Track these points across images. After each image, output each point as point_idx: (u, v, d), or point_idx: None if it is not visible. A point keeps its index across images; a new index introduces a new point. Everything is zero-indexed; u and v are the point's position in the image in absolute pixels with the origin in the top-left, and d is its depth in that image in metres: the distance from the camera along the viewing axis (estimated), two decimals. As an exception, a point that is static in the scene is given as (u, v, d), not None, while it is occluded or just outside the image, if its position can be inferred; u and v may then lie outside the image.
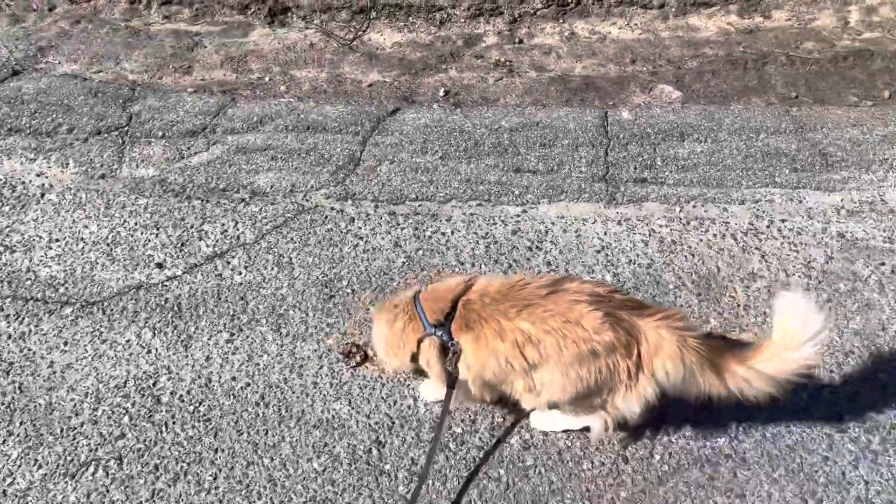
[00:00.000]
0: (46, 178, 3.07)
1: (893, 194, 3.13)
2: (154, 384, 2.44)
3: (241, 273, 2.76)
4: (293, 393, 2.43)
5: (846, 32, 4.01)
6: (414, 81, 3.57)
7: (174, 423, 2.34)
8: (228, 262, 2.80)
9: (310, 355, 2.53)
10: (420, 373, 2.30)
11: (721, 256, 2.87)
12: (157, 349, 2.53)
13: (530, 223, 2.98)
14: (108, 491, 2.18)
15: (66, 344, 2.53)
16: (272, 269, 2.78)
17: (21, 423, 2.32)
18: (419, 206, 3.02)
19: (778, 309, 1.99)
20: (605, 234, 2.94)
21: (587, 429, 2.28)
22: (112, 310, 2.63)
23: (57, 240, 2.84)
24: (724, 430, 2.36)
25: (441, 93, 3.49)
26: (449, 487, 2.20)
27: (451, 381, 2.05)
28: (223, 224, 2.93)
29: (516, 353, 1.92)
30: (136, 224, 2.91)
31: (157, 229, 2.90)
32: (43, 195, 3.00)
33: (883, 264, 2.86)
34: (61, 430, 2.31)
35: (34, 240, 2.83)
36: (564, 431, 2.33)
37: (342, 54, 3.75)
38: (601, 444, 2.32)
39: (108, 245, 2.84)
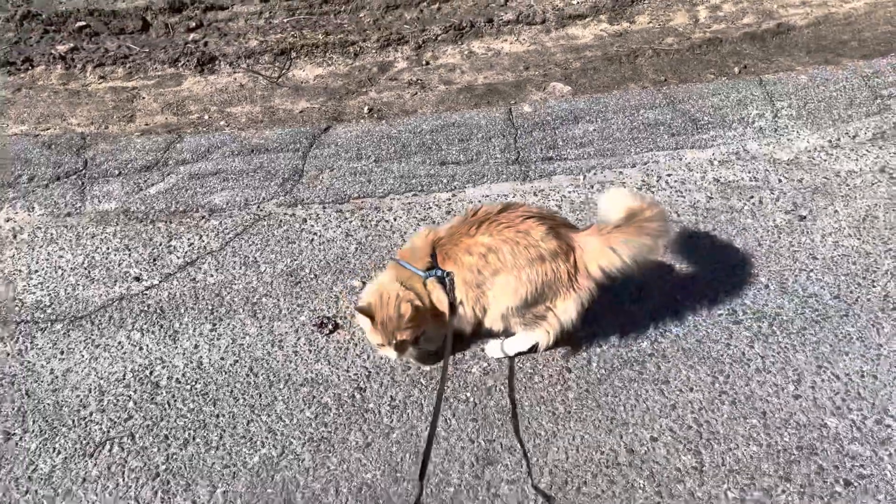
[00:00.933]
0: (15, 222, 3.32)
1: (752, 144, 3.76)
2: (151, 373, 2.72)
3: (212, 275, 3.09)
4: (278, 362, 2.76)
5: (698, 27, 4.74)
6: (340, 104, 4.03)
7: (175, 400, 2.63)
8: (200, 268, 3.12)
9: (287, 331, 2.87)
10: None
11: (623, 208, 3.40)
12: (147, 345, 2.82)
13: (461, 204, 3.44)
14: (125, 462, 2.44)
15: (62, 353, 2.79)
16: (240, 268, 3.12)
17: (34, 421, 2.56)
18: (362, 202, 3.44)
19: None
20: (525, 203, 3.43)
21: (534, 349, 2.71)
22: (100, 320, 2.90)
23: (36, 271, 3.10)
24: (644, 336, 2.83)
25: (366, 110, 3.95)
26: (425, 412, 2.57)
27: (453, 307, 2.44)
28: (189, 238, 3.26)
29: (483, 263, 2.35)
30: (108, 249, 3.20)
31: (129, 250, 3.20)
32: (15, 236, 3.25)
33: (752, 197, 3.45)
34: (73, 421, 2.56)
35: (14, 273, 3.08)
36: (516, 355, 2.75)
37: (271, 90, 4.17)
38: (547, 362, 2.74)
39: (85, 269, 3.11)
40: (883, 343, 2.77)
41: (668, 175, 3.58)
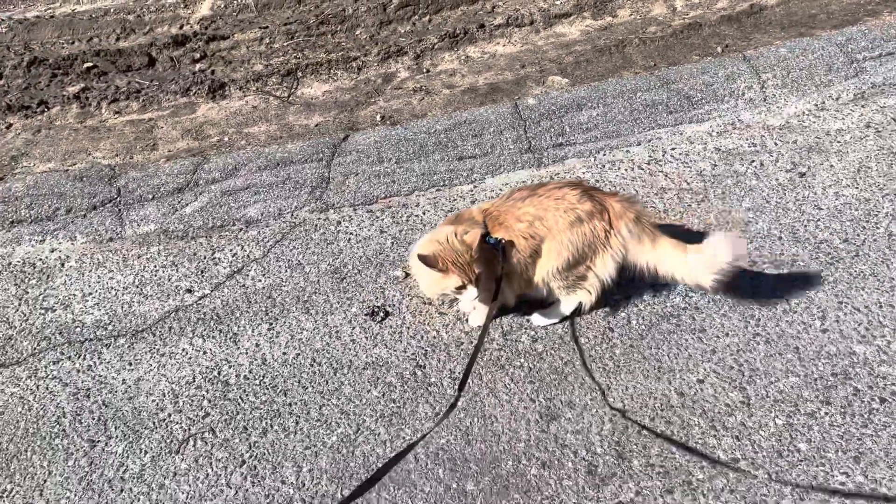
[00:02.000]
0: (60, 252, 3.45)
1: (745, 114, 4.01)
2: (219, 373, 2.86)
3: (260, 280, 3.24)
4: (338, 351, 2.91)
5: (676, 15, 5.02)
6: (352, 115, 4.22)
7: (247, 395, 2.77)
8: (247, 275, 3.27)
9: (341, 322, 3.02)
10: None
11: (635, 183, 3.62)
12: (211, 349, 2.95)
13: (483, 194, 3.63)
14: (211, 454, 2.57)
15: (130, 364, 2.91)
16: (286, 271, 3.28)
17: (116, 427, 2.68)
18: (389, 201, 3.62)
19: (709, 242, 2.64)
20: (543, 187, 3.64)
21: (578, 312, 2.89)
22: (161, 331, 3.04)
23: (90, 293, 3.23)
24: (676, 292, 3.03)
25: (378, 118, 4.15)
26: (485, 381, 2.75)
27: (499, 277, 2.61)
28: (231, 250, 3.41)
29: (533, 230, 2.55)
30: (155, 266, 3.34)
31: (176, 266, 3.34)
32: (63, 264, 3.38)
33: (753, 161, 3.69)
34: (154, 423, 2.69)
35: (69, 298, 3.21)
36: (561, 321, 2.93)
37: (283, 109, 4.35)
38: (590, 325, 2.93)
39: (136, 287, 3.25)
40: (895, 276, 3.00)
41: (672, 149, 3.81)
